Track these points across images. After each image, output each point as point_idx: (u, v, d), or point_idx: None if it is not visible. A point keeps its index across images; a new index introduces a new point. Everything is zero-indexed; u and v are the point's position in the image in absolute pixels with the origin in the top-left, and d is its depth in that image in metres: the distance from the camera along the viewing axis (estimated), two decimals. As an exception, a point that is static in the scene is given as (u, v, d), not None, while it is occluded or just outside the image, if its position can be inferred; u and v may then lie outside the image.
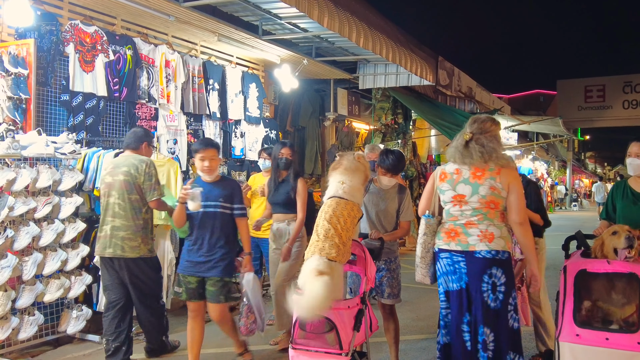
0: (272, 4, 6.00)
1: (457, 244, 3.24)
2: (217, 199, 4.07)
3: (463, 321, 3.18)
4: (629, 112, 19.78)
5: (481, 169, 3.25)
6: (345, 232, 3.15)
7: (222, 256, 4.09)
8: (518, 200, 3.21)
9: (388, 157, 4.09)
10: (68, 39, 5.35)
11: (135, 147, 4.49)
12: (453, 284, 3.24)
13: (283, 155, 4.91)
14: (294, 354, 3.07)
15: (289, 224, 4.85)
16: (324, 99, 9.83)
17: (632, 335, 2.97)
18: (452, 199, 3.32)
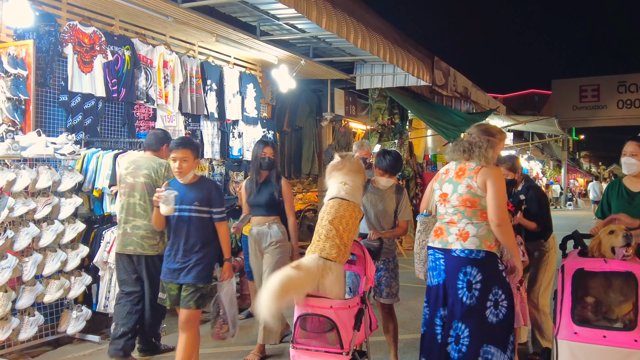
0: (270, 5, 6.01)
1: (440, 242, 3.38)
2: (192, 202, 3.84)
3: (437, 315, 3.32)
4: (624, 111, 19.90)
5: (463, 169, 3.37)
6: (347, 233, 3.19)
7: (196, 261, 3.86)
8: (494, 199, 3.24)
9: (385, 158, 4.12)
10: (66, 39, 5.35)
11: (155, 149, 4.65)
12: (433, 279, 3.38)
13: (266, 155, 4.67)
14: (295, 354, 3.10)
15: (270, 227, 4.62)
16: (320, 99, 9.86)
17: (629, 333, 3.01)
18: (439, 198, 3.47)
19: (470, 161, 3.37)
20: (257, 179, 4.70)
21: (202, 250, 3.88)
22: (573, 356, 3.05)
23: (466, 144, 3.39)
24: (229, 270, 4.02)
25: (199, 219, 3.86)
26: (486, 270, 3.24)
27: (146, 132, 6.26)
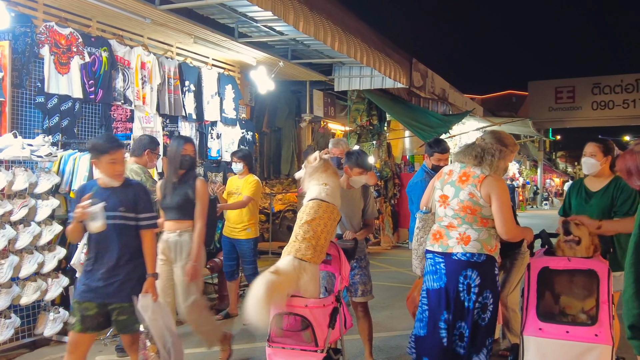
0: (248, 8, 6.07)
1: (439, 246, 3.37)
2: (116, 208, 3.38)
3: (441, 319, 3.30)
4: (598, 112, 20.31)
5: (467, 174, 3.34)
6: (325, 234, 3.27)
7: (126, 276, 3.41)
8: (500, 213, 3.23)
9: (353, 155, 4.22)
10: (43, 40, 5.34)
11: (137, 155, 4.80)
12: (434, 283, 3.37)
13: (187, 152, 4.25)
14: (271, 352, 3.17)
15: (181, 236, 4.14)
16: (299, 100, 9.93)
17: (590, 328, 3.14)
18: (439, 199, 3.44)
19: (475, 167, 3.33)
20: (173, 178, 4.22)
21: (131, 262, 3.44)
22: (539, 351, 3.17)
23: (479, 150, 3.34)
24: (152, 287, 3.48)
25: (125, 227, 3.41)
26: (484, 273, 3.27)
27: (124, 133, 6.28)
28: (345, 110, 10.70)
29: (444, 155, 4.86)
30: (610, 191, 3.89)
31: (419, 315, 3.46)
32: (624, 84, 20.04)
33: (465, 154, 3.41)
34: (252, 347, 5.04)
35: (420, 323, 3.42)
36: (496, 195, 3.23)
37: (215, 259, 6.30)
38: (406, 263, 9.92)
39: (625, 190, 3.82)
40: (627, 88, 20.03)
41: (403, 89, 10.37)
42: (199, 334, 4.36)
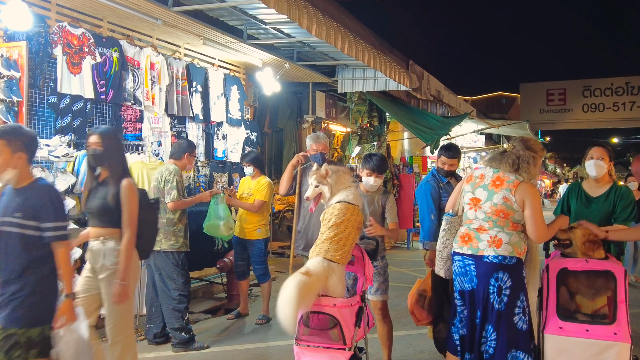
0: (259, 10, 6.12)
1: (469, 248, 3.46)
2: (12, 212, 2.87)
3: (476, 316, 3.43)
4: (589, 115, 20.54)
5: (502, 179, 3.43)
6: (353, 236, 3.34)
7: (12, 296, 2.84)
8: (533, 218, 3.33)
9: (372, 159, 4.22)
10: (56, 40, 5.35)
11: (177, 157, 5.12)
12: (465, 284, 3.48)
13: (91, 146, 3.65)
14: (299, 350, 3.23)
15: (104, 243, 3.54)
16: (301, 101, 9.99)
17: (609, 327, 3.26)
18: (469, 201, 3.52)
19: (509, 173, 3.42)
20: (92, 178, 3.69)
21: (21, 279, 2.85)
22: (558, 349, 3.28)
23: (514, 157, 3.43)
24: (70, 311, 2.98)
25: (20, 236, 2.86)
26: (515, 276, 3.36)
27: (133, 133, 6.30)
28: (346, 111, 10.78)
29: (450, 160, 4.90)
30: (611, 198, 3.98)
31: (456, 317, 3.55)
32: (614, 87, 20.30)
33: (500, 160, 3.49)
34: (266, 346, 5.10)
35: (460, 323, 3.53)
36: (530, 201, 3.34)
37: (224, 259, 6.35)
38: (405, 263, 10.04)
39: (625, 197, 3.93)
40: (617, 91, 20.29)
41: (402, 91, 10.48)
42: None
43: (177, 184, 4.88)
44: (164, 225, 4.86)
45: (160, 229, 4.81)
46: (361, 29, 9.88)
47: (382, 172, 4.25)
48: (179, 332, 4.87)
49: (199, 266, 6.45)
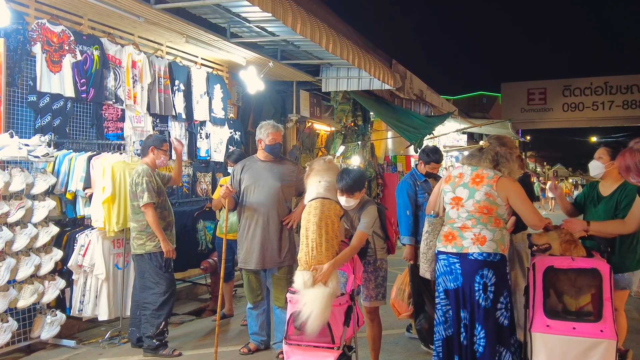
0: (242, 8, 6.05)
1: (453, 247, 3.45)
2: None
3: (461, 317, 3.41)
4: (569, 114, 20.81)
5: (481, 176, 3.47)
6: (336, 232, 3.33)
7: None
8: (525, 208, 3.44)
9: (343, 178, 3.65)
10: (35, 38, 5.23)
11: (143, 155, 4.95)
12: (450, 283, 3.46)
13: None
14: (288, 349, 3.21)
15: None
16: (285, 100, 9.91)
17: (596, 324, 3.27)
18: (451, 201, 3.54)
19: (488, 169, 3.48)
20: None
21: None
22: (546, 347, 3.28)
23: (493, 154, 3.49)
24: None
25: None
26: (499, 272, 3.38)
27: (115, 133, 6.20)
28: (330, 110, 10.75)
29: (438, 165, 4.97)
30: (615, 196, 4.02)
31: (440, 316, 3.51)
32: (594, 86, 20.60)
33: (479, 157, 3.53)
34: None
35: (445, 324, 3.48)
36: (514, 194, 3.41)
37: (209, 260, 6.28)
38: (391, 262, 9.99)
39: (629, 195, 3.93)
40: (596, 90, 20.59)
41: (386, 90, 10.48)
42: None
43: (147, 184, 4.69)
44: (144, 228, 4.74)
45: (142, 232, 4.74)
46: (345, 27, 9.84)
47: (354, 191, 3.63)
48: (150, 338, 4.76)
49: (183, 267, 6.36)
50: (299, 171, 4.71)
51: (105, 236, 5.03)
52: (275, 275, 4.54)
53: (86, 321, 5.29)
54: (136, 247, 4.76)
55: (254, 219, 4.54)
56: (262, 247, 4.51)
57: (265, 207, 4.53)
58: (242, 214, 4.64)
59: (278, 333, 4.54)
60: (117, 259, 5.22)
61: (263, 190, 4.56)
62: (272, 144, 4.63)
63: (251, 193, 4.59)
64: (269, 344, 4.85)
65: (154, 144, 4.93)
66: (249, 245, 4.55)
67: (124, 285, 5.23)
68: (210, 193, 7.55)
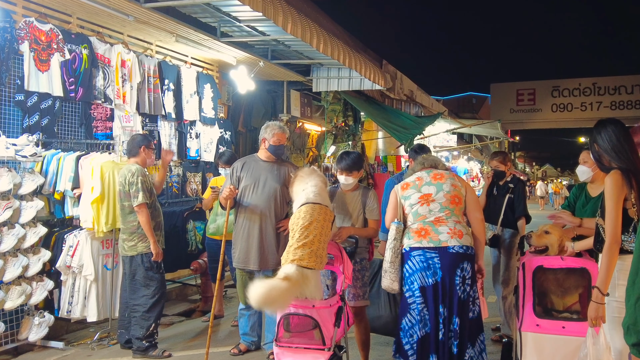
0: (233, 7, 6.03)
1: (429, 241, 3.45)
2: None
3: (439, 314, 3.39)
4: (557, 114, 20.97)
5: (440, 174, 3.68)
6: (324, 237, 3.29)
7: None
8: (477, 200, 3.76)
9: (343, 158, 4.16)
10: (22, 36, 5.17)
11: (134, 154, 4.88)
12: (428, 279, 3.41)
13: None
14: (279, 351, 3.20)
15: None
16: (275, 100, 9.90)
17: (584, 323, 3.28)
18: (418, 200, 3.58)
19: (441, 170, 3.73)
20: None
21: None
22: (536, 346, 3.31)
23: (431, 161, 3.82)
24: None
25: None
26: (473, 266, 3.48)
27: (104, 132, 6.15)
28: (321, 110, 10.75)
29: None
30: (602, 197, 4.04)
31: (415, 316, 3.43)
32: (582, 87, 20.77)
33: (435, 161, 3.83)
34: (242, 348, 5.02)
35: (420, 324, 3.42)
36: (470, 189, 3.71)
37: (199, 260, 6.25)
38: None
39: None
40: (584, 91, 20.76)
41: (377, 91, 10.50)
42: None
43: (142, 184, 4.65)
44: (135, 229, 4.71)
45: (133, 234, 4.70)
46: (335, 27, 9.84)
47: (352, 170, 4.11)
48: (139, 340, 4.72)
49: (172, 268, 6.33)
50: None
51: (94, 237, 4.99)
52: (269, 277, 4.52)
53: (75, 322, 5.24)
54: (127, 249, 4.72)
55: (252, 219, 4.52)
56: (260, 248, 4.48)
57: (263, 208, 4.51)
58: (239, 213, 4.62)
59: (269, 334, 4.52)
60: (106, 260, 5.17)
61: (262, 190, 4.54)
62: (277, 145, 4.62)
63: (250, 192, 4.57)
64: (259, 345, 4.83)
65: (144, 143, 4.90)
66: (246, 244, 4.52)
67: (113, 286, 5.18)
68: (201, 193, 7.51)
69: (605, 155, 3.02)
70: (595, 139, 3.08)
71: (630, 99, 19.45)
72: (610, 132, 3.00)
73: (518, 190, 5.11)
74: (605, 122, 3.09)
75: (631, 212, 2.90)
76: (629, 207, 2.90)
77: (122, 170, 4.79)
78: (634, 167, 2.92)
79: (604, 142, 3.01)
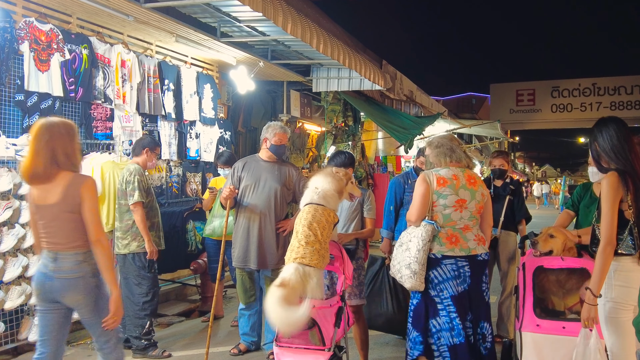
0: (233, 7, 6.04)
1: (461, 249, 3.44)
2: None
3: (467, 319, 3.40)
4: (557, 115, 20.99)
5: (472, 176, 3.56)
6: (325, 237, 3.30)
7: None
8: (490, 205, 3.68)
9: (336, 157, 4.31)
10: (22, 36, 5.17)
11: (136, 154, 4.95)
12: (458, 287, 3.41)
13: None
14: (279, 351, 3.20)
15: None
16: (275, 100, 9.91)
17: (584, 323, 3.29)
18: (455, 203, 3.46)
19: (468, 169, 3.60)
20: None
21: None
22: (536, 347, 3.30)
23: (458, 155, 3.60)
24: None
25: None
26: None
27: (104, 132, 6.15)
28: (321, 110, 10.75)
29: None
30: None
31: (446, 324, 3.41)
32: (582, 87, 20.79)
33: (460, 157, 3.58)
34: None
35: (452, 332, 3.38)
36: (488, 194, 3.64)
37: (198, 260, 6.25)
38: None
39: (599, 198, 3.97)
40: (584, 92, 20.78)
41: (376, 91, 10.51)
42: None
43: (139, 183, 4.69)
44: (129, 228, 4.73)
45: (127, 232, 4.71)
46: (335, 28, 9.85)
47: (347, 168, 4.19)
48: (138, 339, 4.75)
49: (172, 268, 6.33)
50: (299, 177, 4.70)
51: (94, 237, 4.97)
52: (269, 277, 4.52)
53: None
54: (120, 247, 4.77)
55: (251, 219, 4.53)
56: (260, 248, 4.50)
57: (263, 208, 4.53)
58: (239, 213, 4.62)
59: (269, 334, 4.53)
60: (106, 260, 5.16)
61: (262, 190, 4.56)
62: (278, 145, 4.64)
63: (250, 192, 4.59)
64: (259, 345, 4.83)
65: (149, 146, 4.97)
66: (245, 244, 4.54)
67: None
68: (200, 193, 7.51)
69: (604, 155, 3.01)
70: (595, 138, 3.06)
71: (630, 99, 19.46)
72: (611, 131, 2.99)
73: (519, 192, 5.11)
74: (607, 120, 3.07)
75: (627, 214, 2.90)
76: (624, 209, 2.89)
77: (124, 169, 4.85)
78: (631, 168, 2.91)
79: (604, 142, 3.00)
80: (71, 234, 2.94)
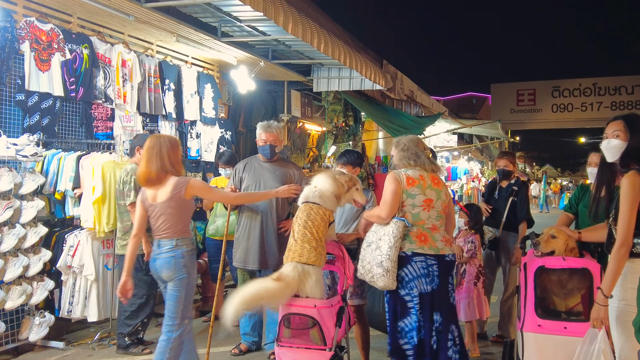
0: (233, 7, 6.03)
1: (430, 248, 3.45)
2: None
3: (433, 321, 3.38)
4: (557, 115, 20.98)
5: (436, 178, 3.64)
6: (322, 235, 3.30)
7: None
8: (452, 204, 3.78)
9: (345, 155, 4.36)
10: (23, 36, 5.17)
11: (131, 155, 4.95)
12: (426, 286, 3.41)
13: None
14: (280, 351, 3.19)
15: None
16: (276, 100, 9.89)
17: (586, 324, 3.27)
18: (423, 203, 3.51)
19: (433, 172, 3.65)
20: None
21: None
22: (538, 347, 3.29)
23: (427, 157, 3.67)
24: None
25: None
26: None
27: (104, 132, 6.14)
28: (322, 110, 10.74)
29: None
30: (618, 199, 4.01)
31: (411, 323, 3.40)
32: (582, 87, 20.77)
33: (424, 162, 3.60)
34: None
35: (415, 331, 3.38)
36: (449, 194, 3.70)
37: (199, 260, 6.23)
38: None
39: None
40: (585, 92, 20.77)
41: (377, 91, 10.50)
42: None
43: (135, 183, 4.62)
44: (128, 228, 4.69)
45: (126, 233, 4.70)
46: (336, 27, 9.84)
47: (355, 166, 4.28)
48: (122, 336, 4.76)
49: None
50: (301, 177, 4.69)
51: (95, 237, 4.99)
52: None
53: (75, 322, 5.24)
54: (119, 247, 4.77)
55: (253, 219, 4.54)
56: (261, 248, 4.50)
57: (264, 208, 4.53)
58: (241, 213, 4.62)
59: (270, 334, 4.52)
60: (107, 260, 5.17)
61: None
62: (262, 145, 4.64)
63: None
64: (260, 345, 4.83)
65: (140, 144, 4.84)
66: (246, 244, 4.54)
67: (114, 286, 5.17)
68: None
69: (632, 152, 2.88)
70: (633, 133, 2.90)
71: (631, 99, 19.45)
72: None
73: (522, 193, 5.07)
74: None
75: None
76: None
77: (121, 170, 4.84)
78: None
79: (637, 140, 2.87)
80: (172, 225, 3.53)
